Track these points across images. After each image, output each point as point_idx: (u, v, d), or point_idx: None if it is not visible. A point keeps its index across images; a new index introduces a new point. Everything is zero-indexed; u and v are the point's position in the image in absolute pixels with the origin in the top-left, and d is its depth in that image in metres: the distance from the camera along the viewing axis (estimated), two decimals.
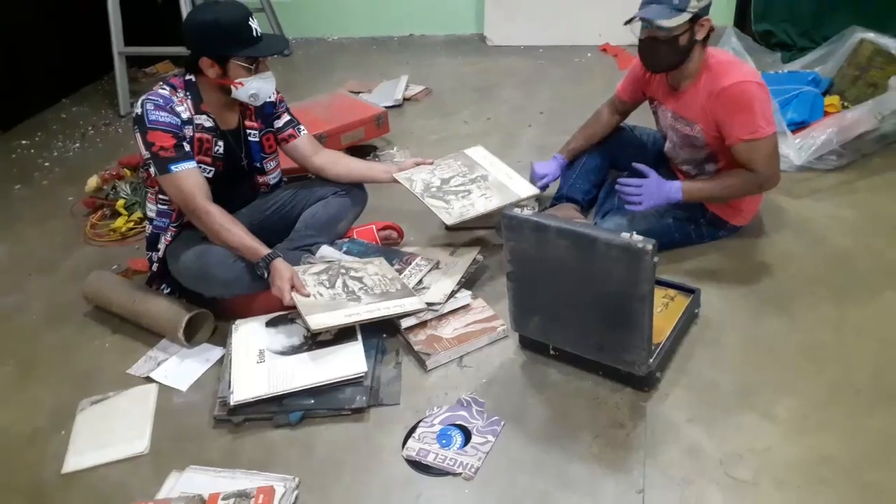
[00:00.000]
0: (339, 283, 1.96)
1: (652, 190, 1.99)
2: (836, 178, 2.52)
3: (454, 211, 2.08)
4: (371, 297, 1.92)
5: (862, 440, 1.53)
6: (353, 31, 4.81)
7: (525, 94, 3.60)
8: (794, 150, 2.50)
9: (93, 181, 2.80)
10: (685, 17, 1.84)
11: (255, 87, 1.93)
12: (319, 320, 1.78)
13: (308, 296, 1.86)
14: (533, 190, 2.16)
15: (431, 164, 2.28)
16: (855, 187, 2.47)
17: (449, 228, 2.25)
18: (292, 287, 1.86)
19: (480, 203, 2.10)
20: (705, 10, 1.88)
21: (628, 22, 1.92)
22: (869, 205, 2.36)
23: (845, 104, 2.68)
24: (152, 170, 1.91)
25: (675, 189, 2.00)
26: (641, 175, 2.02)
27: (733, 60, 1.97)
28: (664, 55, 1.94)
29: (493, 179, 2.21)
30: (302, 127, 2.20)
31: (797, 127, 2.60)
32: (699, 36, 1.90)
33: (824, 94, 2.77)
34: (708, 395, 1.68)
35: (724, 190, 2.02)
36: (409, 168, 2.25)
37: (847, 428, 1.56)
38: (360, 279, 1.99)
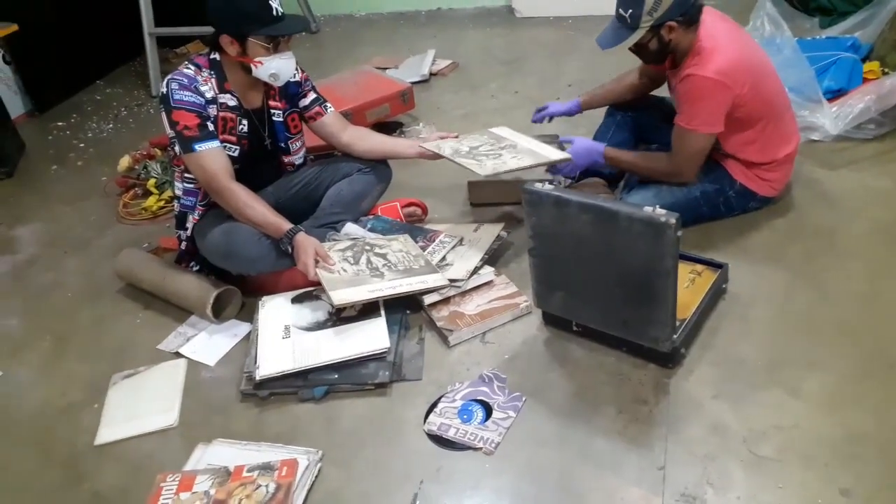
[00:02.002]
0: (363, 259, 1.97)
1: (576, 153, 2.13)
2: (875, 148, 2.42)
3: (487, 165, 2.03)
4: (394, 274, 1.92)
5: None
6: (380, 6, 4.78)
7: (553, 66, 3.54)
8: (831, 119, 2.41)
9: (124, 161, 2.85)
10: (640, 34, 1.87)
11: (275, 67, 1.92)
12: (342, 296, 1.80)
13: (333, 265, 1.88)
14: (563, 154, 2.12)
15: (456, 137, 2.26)
16: (894, 157, 2.38)
17: (472, 197, 2.23)
18: (317, 261, 1.88)
19: (513, 161, 2.05)
20: (667, 15, 1.83)
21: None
22: None
23: (885, 70, 2.57)
24: (177, 149, 1.94)
25: (599, 152, 2.13)
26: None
27: (718, 48, 1.88)
28: (644, 56, 2.00)
29: (523, 147, 2.17)
30: (329, 104, 2.20)
31: (834, 95, 2.50)
32: (669, 37, 1.89)
33: (864, 60, 2.66)
34: (734, 372, 1.65)
35: (636, 166, 2.14)
36: (434, 141, 2.23)
37: (880, 404, 1.52)
38: (384, 256, 1.99)
